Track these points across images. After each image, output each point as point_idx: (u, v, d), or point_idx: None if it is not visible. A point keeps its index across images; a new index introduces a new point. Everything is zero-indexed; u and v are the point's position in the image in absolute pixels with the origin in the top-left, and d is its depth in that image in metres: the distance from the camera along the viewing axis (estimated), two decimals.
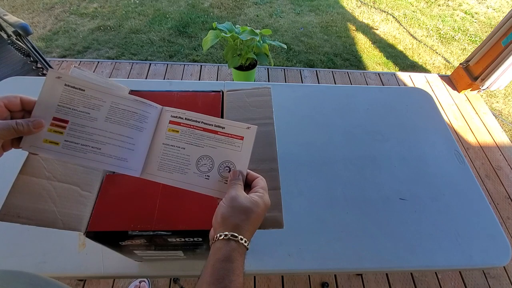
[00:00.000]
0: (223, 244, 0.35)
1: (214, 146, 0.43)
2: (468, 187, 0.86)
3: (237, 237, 0.35)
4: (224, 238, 0.35)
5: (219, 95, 0.65)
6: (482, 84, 2.23)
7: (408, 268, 0.71)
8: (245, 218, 0.37)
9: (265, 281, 1.34)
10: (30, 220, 0.40)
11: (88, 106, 0.40)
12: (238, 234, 0.35)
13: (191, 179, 0.42)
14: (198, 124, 0.44)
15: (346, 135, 0.94)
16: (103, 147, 0.40)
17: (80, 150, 0.39)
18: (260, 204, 0.38)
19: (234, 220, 0.36)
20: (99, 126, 0.41)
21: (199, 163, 0.43)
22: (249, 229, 0.37)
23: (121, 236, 0.47)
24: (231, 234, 0.35)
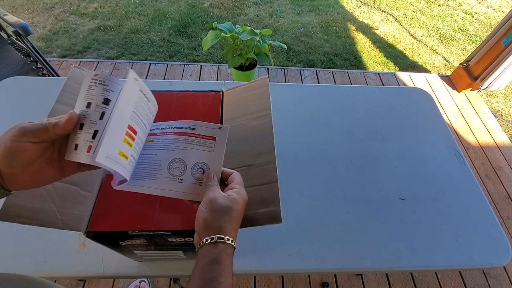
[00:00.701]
0: (211, 248, 0.35)
1: (185, 148, 0.42)
2: (468, 187, 0.86)
3: (223, 239, 0.35)
4: (211, 241, 0.35)
5: (219, 95, 0.65)
6: (482, 84, 2.23)
7: (408, 268, 0.71)
8: (228, 218, 0.36)
9: (265, 281, 1.34)
10: (30, 220, 0.40)
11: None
12: (224, 235, 0.35)
13: (164, 184, 0.40)
14: (170, 129, 0.43)
15: (346, 135, 0.94)
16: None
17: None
18: (239, 200, 0.38)
19: (218, 222, 0.36)
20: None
21: (171, 167, 0.41)
22: (233, 228, 0.37)
23: (121, 236, 0.47)
24: (217, 237, 0.35)
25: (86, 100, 0.34)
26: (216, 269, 0.33)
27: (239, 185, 0.40)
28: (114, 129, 0.34)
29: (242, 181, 0.42)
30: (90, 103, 0.34)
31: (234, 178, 0.42)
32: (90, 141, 0.33)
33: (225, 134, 0.42)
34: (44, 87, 0.97)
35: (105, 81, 0.34)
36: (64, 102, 0.52)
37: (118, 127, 0.34)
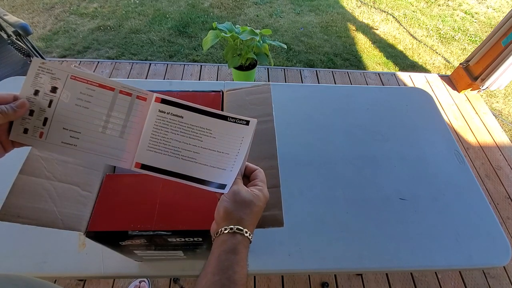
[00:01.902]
0: (228, 237, 0.36)
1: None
2: (468, 187, 0.86)
3: (242, 230, 0.36)
4: (230, 231, 0.36)
5: (219, 95, 0.65)
6: (482, 84, 2.23)
7: (408, 268, 0.71)
8: (249, 211, 0.37)
9: (265, 281, 1.34)
10: (30, 220, 0.40)
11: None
12: (243, 227, 0.36)
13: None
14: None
15: (346, 135, 0.94)
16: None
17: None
18: (261, 197, 0.39)
19: (238, 214, 0.37)
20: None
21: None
22: (252, 222, 0.38)
23: (121, 236, 0.47)
24: (236, 228, 0.36)
25: (33, 87, 0.36)
26: (233, 258, 0.34)
27: (262, 183, 0.41)
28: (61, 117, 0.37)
29: (265, 179, 0.42)
30: (38, 91, 0.36)
31: (257, 175, 0.42)
32: (41, 128, 0.36)
33: (252, 130, 0.40)
34: None
35: (52, 70, 0.36)
36: None
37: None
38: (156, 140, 0.39)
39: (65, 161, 0.48)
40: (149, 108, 0.40)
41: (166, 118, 0.39)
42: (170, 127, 0.39)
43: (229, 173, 0.39)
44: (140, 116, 0.39)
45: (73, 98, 0.37)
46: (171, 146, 0.39)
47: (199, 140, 0.39)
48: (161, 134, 0.39)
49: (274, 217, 0.46)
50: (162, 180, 0.52)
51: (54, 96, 0.37)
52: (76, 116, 0.37)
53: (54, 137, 0.37)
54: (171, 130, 0.39)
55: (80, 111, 0.37)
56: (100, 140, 0.38)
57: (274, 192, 0.48)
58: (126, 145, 0.39)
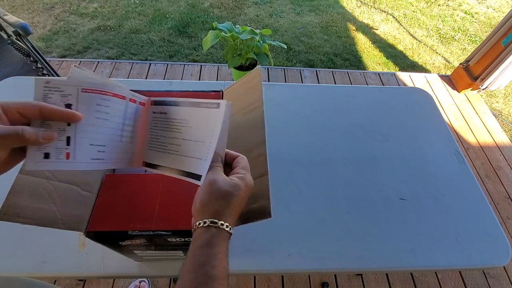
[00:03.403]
0: (203, 231, 0.33)
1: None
2: (468, 187, 0.86)
3: (217, 223, 0.33)
4: (203, 225, 0.34)
5: (219, 95, 0.65)
6: (482, 84, 2.23)
7: (408, 268, 0.71)
8: (225, 203, 0.34)
9: (265, 281, 1.34)
10: (30, 220, 0.40)
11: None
12: (219, 219, 0.34)
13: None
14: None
15: (346, 135, 0.94)
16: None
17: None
18: (241, 186, 0.36)
19: (213, 207, 0.34)
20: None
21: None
22: (230, 214, 0.35)
23: (121, 236, 0.47)
24: (210, 221, 0.34)
25: None
26: (209, 252, 0.32)
27: (244, 170, 0.38)
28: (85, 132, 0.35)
29: (248, 166, 0.39)
30: None
31: (239, 162, 0.39)
32: (66, 148, 0.33)
33: (228, 112, 0.39)
34: None
35: (60, 87, 0.33)
36: None
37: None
38: (151, 139, 0.41)
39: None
40: (148, 111, 0.42)
41: (156, 117, 0.42)
42: (159, 125, 0.41)
43: (203, 162, 0.37)
44: (142, 121, 0.42)
45: (92, 111, 0.35)
46: (160, 142, 0.41)
47: (179, 132, 0.40)
48: (154, 132, 0.41)
49: (261, 209, 0.42)
50: (162, 180, 0.52)
51: None
52: (98, 129, 0.36)
53: (83, 155, 0.35)
54: (160, 127, 0.41)
55: (101, 123, 0.36)
56: (119, 149, 0.39)
57: (262, 181, 0.45)
58: (135, 148, 0.41)
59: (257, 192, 0.44)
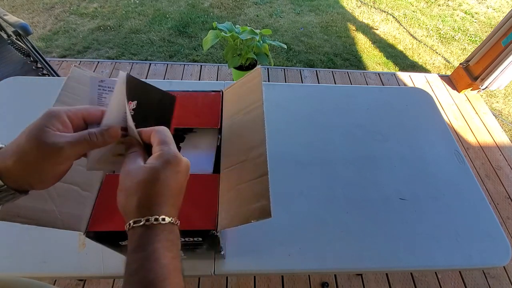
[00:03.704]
0: (130, 235, 0.29)
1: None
2: (468, 187, 0.86)
3: (140, 222, 0.28)
4: (128, 228, 0.29)
5: (219, 95, 0.65)
6: (482, 84, 2.23)
7: (408, 268, 0.71)
8: (143, 195, 0.29)
9: (265, 281, 1.34)
10: (30, 220, 0.40)
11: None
12: (142, 216, 0.28)
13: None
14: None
15: (346, 135, 0.94)
16: None
17: None
18: (159, 167, 0.29)
19: (132, 204, 0.29)
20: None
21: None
22: (158, 203, 0.29)
23: (121, 236, 0.47)
24: (133, 222, 0.29)
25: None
26: (140, 257, 0.27)
27: (162, 145, 0.31)
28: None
29: (167, 137, 0.32)
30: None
31: (154, 137, 0.32)
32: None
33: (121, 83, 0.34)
34: (44, 87, 0.96)
35: (113, 87, 0.34)
36: (64, 102, 0.52)
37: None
38: None
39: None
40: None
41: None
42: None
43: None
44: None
45: None
46: None
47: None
48: None
49: (261, 208, 0.41)
50: None
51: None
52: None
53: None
54: None
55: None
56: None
57: (263, 181, 0.45)
58: None
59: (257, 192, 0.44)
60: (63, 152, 0.28)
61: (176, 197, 0.32)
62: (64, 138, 0.28)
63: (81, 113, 0.30)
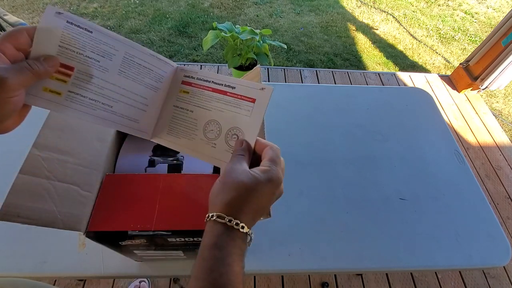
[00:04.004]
0: (210, 227, 0.30)
1: (222, 109, 0.37)
2: (468, 187, 0.86)
3: (224, 219, 0.29)
4: (210, 219, 0.30)
5: None
6: (482, 84, 2.23)
7: (408, 268, 0.71)
8: (238, 196, 0.30)
9: (265, 281, 1.34)
10: (30, 219, 0.40)
11: (98, 52, 0.33)
12: (227, 215, 0.29)
13: (198, 146, 0.38)
14: (209, 84, 0.38)
15: (346, 135, 0.94)
16: (115, 105, 0.35)
17: (87, 105, 0.33)
18: (261, 180, 0.30)
19: (224, 198, 0.30)
20: (111, 80, 0.34)
21: (206, 129, 0.38)
22: (244, 211, 0.30)
23: (121, 236, 0.47)
24: (217, 215, 0.29)
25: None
26: (215, 256, 0.28)
27: (270, 163, 0.32)
28: None
29: (279, 158, 0.34)
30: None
31: (267, 153, 0.34)
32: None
33: (267, 97, 0.35)
34: None
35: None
36: None
37: None
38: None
39: (65, 161, 0.48)
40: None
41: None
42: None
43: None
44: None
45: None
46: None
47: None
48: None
49: None
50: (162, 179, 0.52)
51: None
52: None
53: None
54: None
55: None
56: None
57: None
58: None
59: None
60: (8, 82, 0.27)
61: (258, 214, 0.33)
62: (4, 69, 0.28)
63: (7, 41, 0.29)
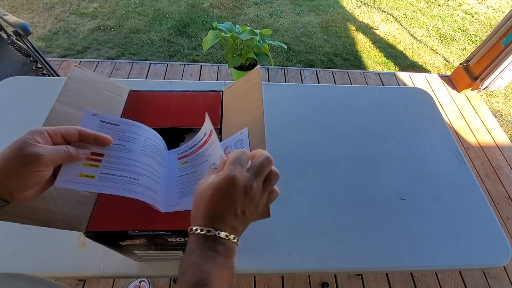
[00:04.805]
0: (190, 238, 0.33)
1: (212, 151, 0.44)
2: (468, 187, 0.86)
3: (194, 229, 0.32)
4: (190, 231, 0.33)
5: (219, 95, 0.65)
6: (482, 84, 2.23)
7: (408, 268, 0.71)
8: (200, 204, 0.33)
9: (265, 281, 1.34)
10: (30, 220, 0.40)
11: (123, 139, 0.42)
12: (200, 225, 0.32)
13: None
14: (198, 144, 0.47)
15: (346, 135, 0.94)
16: (140, 178, 0.40)
17: (117, 181, 0.39)
18: (213, 184, 0.32)
19: (193, 212, 0.34)
20: (135, 158, 0.41)
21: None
22: (195, 217, 0.33)
23: (121, 236, 0.47)
24: (189, 228, 0.33)
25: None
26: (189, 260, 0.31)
27: (225, 165, 0.34)
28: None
29: (237, 159, 0.34)
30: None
31: (228, 157, 0.36)
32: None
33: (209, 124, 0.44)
34: (44, 87, 0.96)
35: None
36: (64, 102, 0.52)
37: None
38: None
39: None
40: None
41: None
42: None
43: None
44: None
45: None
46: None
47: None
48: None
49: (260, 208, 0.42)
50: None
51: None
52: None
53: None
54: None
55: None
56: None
57: None
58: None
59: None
60: (42, 159, 0.32)
61: (229, 218, 0.33)
62: (44, 148, 0.33)
63: (60, 131, 0.35)
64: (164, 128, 0.58)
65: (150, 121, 0.59)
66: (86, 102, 0.54)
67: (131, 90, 0.64)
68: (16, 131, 0.33)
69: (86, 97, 0.55)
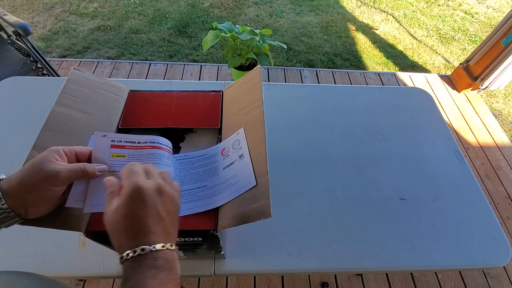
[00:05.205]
0: (122, 268, 0.31)
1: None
2: (468, 187, 0.86)
3: (122, 258, 0.31)
4: (120, 262, 0.32)
5: (219, 95, 0.65)
6: (482, 84, 2.23)
7: (408, 268, 0.71)
8: (117, 233, 0.32)
9: (265, 281, 1.34)
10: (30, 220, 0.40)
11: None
12: (123, 252, 0.31)
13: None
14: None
15: (346, 135, 0.94)
16: None
17: None
18: (109, 212, 0.32)
19: (114, 244, 0.33)
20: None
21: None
22: (132, 237, 0.32)
23: None
24: (119, 257, 0.32)
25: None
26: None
27: (126, 179, 0.34)
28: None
29: (130, 170, 0.35)
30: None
31: (121, 175, 0.35)
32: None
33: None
34: (44, 87, 0.96)
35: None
36: (63, 104, 0.52)
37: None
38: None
39: None
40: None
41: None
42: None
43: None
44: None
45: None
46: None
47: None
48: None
49: (261, 209, 0.41)
50: None
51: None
52: None
53: None
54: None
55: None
56: None
57: (262, 181, 0.45)
58: None
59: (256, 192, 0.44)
60: (59, 175, 0.35)
61: (157, 224, 0.32)
62: (61, 165, 0.36)
63: (74, 150, 0.39)
64: (164, 128, 0.58)
65: (150, 121, 0.59)
66: (86, 104, 0.54)
67: (131, 90, 0.64)
68: (16, 131, 0.33)
69: (86, 98, 0.55)
